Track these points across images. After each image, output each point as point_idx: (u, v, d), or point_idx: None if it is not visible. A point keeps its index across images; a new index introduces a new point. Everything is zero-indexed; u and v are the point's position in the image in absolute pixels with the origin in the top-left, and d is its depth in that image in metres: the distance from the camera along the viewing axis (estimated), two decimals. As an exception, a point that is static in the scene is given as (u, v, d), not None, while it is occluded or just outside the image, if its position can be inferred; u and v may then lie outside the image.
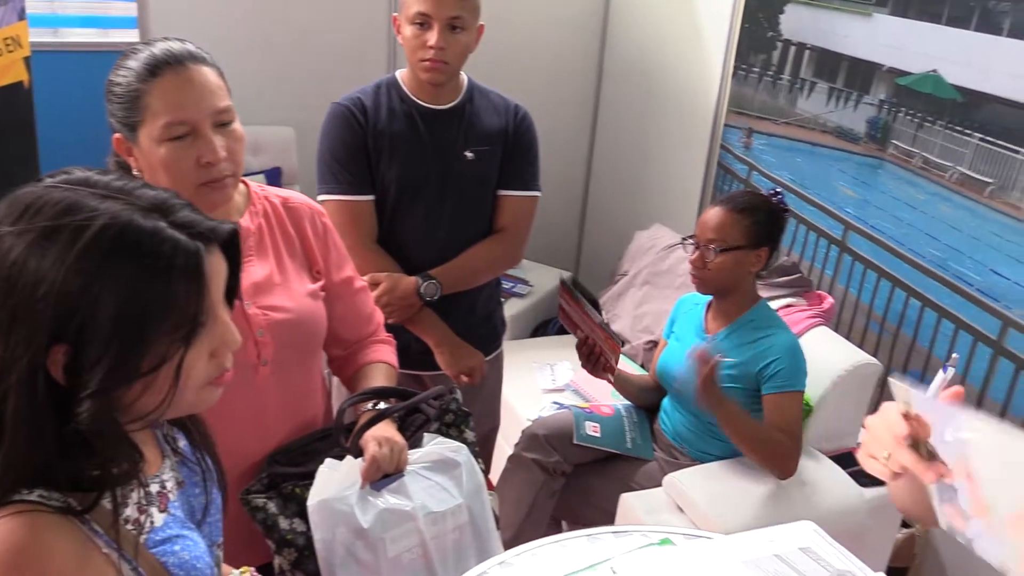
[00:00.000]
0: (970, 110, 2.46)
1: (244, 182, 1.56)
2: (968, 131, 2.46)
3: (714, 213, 2.21)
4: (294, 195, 1.63)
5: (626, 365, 2.82)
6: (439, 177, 2.09)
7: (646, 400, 2.48)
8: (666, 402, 2.45)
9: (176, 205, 0.91)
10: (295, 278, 1.56)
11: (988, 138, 2.41)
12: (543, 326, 3.57)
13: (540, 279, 3.68)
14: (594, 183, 4.28)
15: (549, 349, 3.23)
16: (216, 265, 0.93)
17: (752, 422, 2.17)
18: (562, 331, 3.50)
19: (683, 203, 3.64)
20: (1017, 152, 2.33)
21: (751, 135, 3.30)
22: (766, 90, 3.22)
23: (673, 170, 3.71)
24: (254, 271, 1.51)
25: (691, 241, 2.24)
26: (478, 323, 2.27)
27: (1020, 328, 2.30)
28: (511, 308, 3.44)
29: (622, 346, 3.15)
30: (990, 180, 2.41)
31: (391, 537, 1.50)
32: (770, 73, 3.19)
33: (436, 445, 1.61)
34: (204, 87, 1.35)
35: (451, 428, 1.69)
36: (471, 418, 1.71)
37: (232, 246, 0.97)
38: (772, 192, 2.25)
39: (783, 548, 1.27)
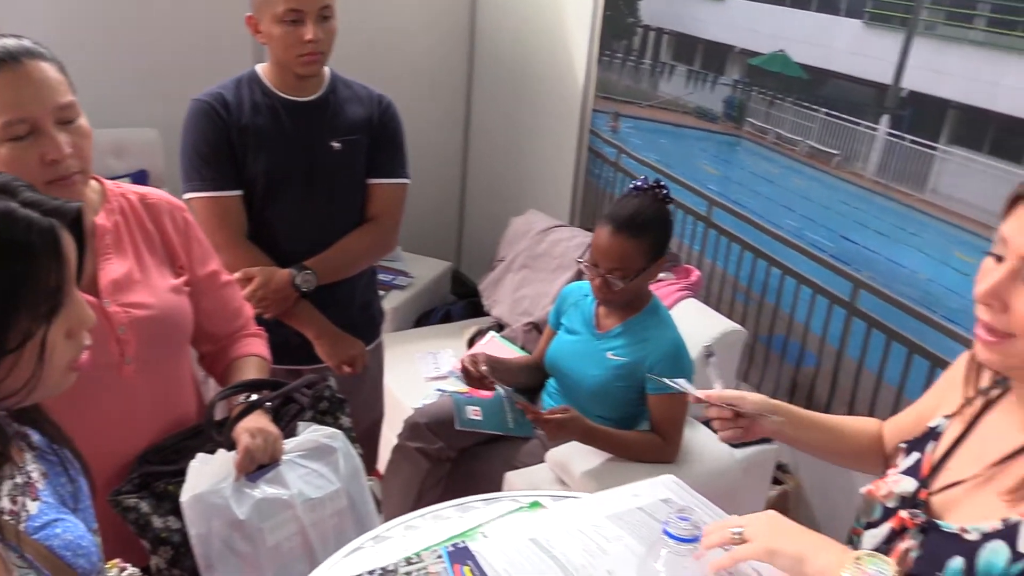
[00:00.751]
0: (815, 87, 2.60)
1: (98, 179, 1.54)
2: (814, 107, 2.61)
3: (612, 242, 2.13)
4: (152, 191, 1.61)
5: (506, 347, 2.87)
6: (307, 169, 2.09)
7: (527, 381, 2.53)
8: (551, 385, 2.49)
9: (19, 187, 0.93)
10: (156, 274, 1.54)
11: (832, 112, 2.56)
12: (425, 316, 3.59)
13: (421, 271, 3.70)
14: (471, 173, 4.32)
15: (432, 338, 3.26)
16: (69, 243, 0.96)
17: (622, 437, 2.21)
18: (446, 319, 3.54)
19: (557, 188, 3.72)
20: (858, 124, 2.48)
21: (618, 119, 3.40)
22: (630, 75, 3.32)
23: (546, 156, 3.78)
24: (113, 268, 1.49)
25: (588, 263, 2.20)
26: (356, 313, 2.28)
27: (870, 289, 2.45)
28: (393, 300, 3.45)
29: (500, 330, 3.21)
30: (836, 152, 2.55)
31: (269, 526, 1.50)
32: (632, 58, 3.30)
33: (311, 433, 1.62)
34: (43, 83, 1.32)
35: (326, 416, 1.70)
36: (346, 404, 1.72)
37: (77, 225, 0.98)
38: (655, 184, 2.22)
39: (645, 501, 1.33)
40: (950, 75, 2.22)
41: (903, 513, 1.17)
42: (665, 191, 2.22)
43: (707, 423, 1.51)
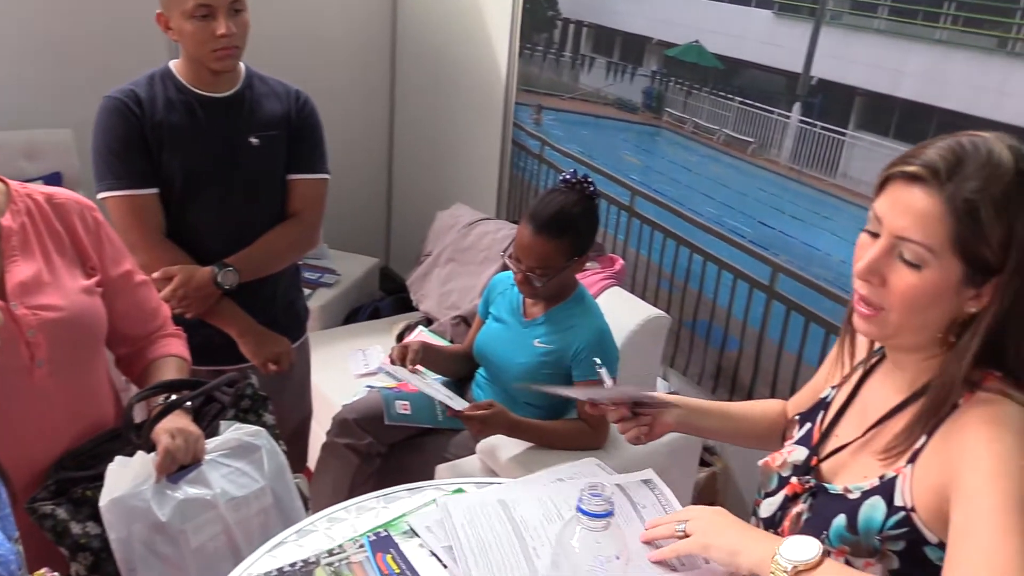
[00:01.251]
0: (730, 76, 2.65)
1: (3, 180, 1.50)
2: (730, 96, 2.66)
3: (534, 242, 2.12)
4: (59, 191, 1.57)
5: (434, 342, 2.86)
6: (225, 165, 2.06)
7: (456, 370, 2.53)
8: (480, 375, 2.50)
9: None
10: (66, 275, 1.51)
11: (747, 101, 2.61)
12: (354, 314, 3.57)
13: (348, 268, 3.67)
14: (397, 168, 4.29)
15: (361, 335, 3.24)
16: None
17: (548, 427, 2.23)
18: (374, 316, 3.52)
19: (482, 181, 3.72)
20: (771, 112, 2.54)
21: (541, 111, 3.42)
22: (551, 68, 3.35)
23: (471, 150, 3.78)
24: (20, 270, 1.45)
25: (511, 258, 2.20)
26: (281, 311, 2.25)
27: (787, 272, 2.51)
28: (320, 298, 3.42)
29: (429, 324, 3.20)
30: (751, 139, 2.61)
31: (192, 527, 1.48)
32: (553, 51, 3.32)
33: (234, 432, 1.60)
34: None
35: (249, 413, 1.68)
36: (269, 402, 1.71)
37: None
38: (582, 179, 2.20)
39: (568, 481, 1.36)
40: (856, 63, 2.29)
41: (794, 480, 1.22)
42: (592, 187, 2.22)
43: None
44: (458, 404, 2.16)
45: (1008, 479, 0.97)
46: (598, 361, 1.33)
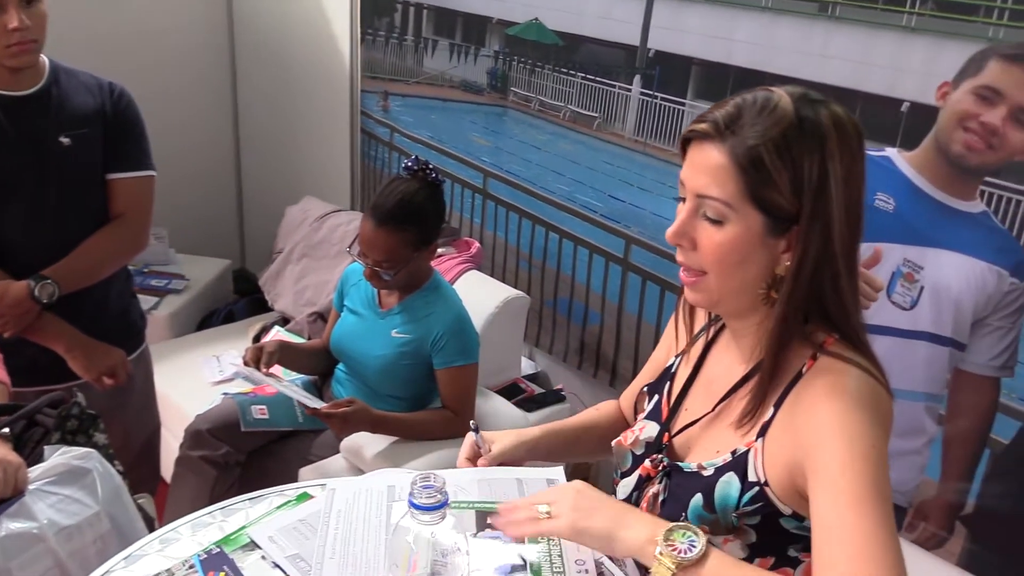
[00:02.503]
0: (571, 52, 2.64)
1: None
2: (572, 72, 2.65)
3: (376, 236, 2.07)
4: None
5: (292, 341, 2.76)
6: (34, 168, 1.90)
7: (316, 367, 2.45)
8: (340, 371, 2.43)
9: None
10: None
11: (589, 76, 2.61)
12: (207, 319, 3.43)
13: (198, 272, 3.52)
14: (245, 166, 4.13)
15: (215, 341, 3.11)
16: None
17: (411, 419, 2.18)
18: (228, 319, 3.38)
19: (334, 173, 3.62)
20: (613, 86, 2.54)
21: (387, 98, 3.34)
22: (394, 52, 3.27)
23: (319, 141, 3.67)
24: None
25: (357, 253, 2.15)
26: (113, 321, 2.11)
27: (640, 244, 2.53)
28: (170, 305, 3.27)
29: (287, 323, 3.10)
30: (596, 115, 2.61)
31: (19, 564, 1.36)
32: (395, 35, 3.24)
33: (61, 456, 1.48)
34: None
35: (77, 435, 1.55)
36: (99, 420, 1.58)
37: None
38: (424, 166, 2.15)
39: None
40: (690, 33, 2.31)
41: (647, 463, 1.21)
42: (434, 173, 2.16)
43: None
44: (317, 403, 2.08)
45: (863, 462, 0.97)
46: (472, 425, 1.30)
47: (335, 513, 1.19)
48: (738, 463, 1.09)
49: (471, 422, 1.31)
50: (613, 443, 1.30)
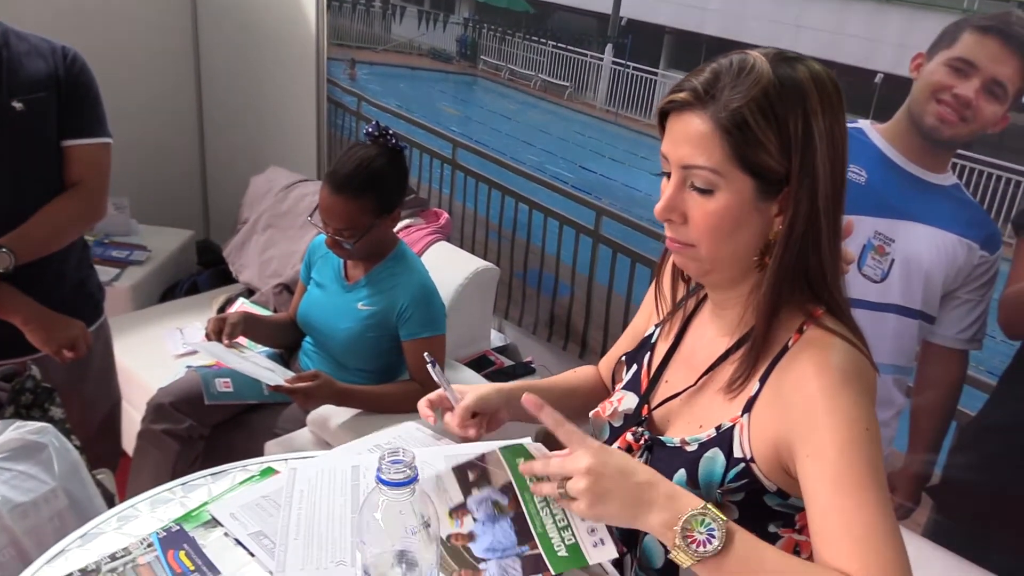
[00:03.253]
0: (542, 20, 2.60)
1: None
2: (543, 40, 2.61)
3: (334, 203, 2.03)
4: None
5: (257, 313, 2.71)
6: (-14, 134, 1.83)
7: (282, 340, 2.40)
8: (307, 344, 2.39)
9: None
10: None
11: (560, 45, 2.57)
12: (170, 291, 3.37)
13: (161, 243, 3.45)
14: (209, 135, 4.05)
15: (178, 313, 3.05)
16: None
17: (377, 391, 2.15)
18: (192, 291, 3.32)
19: (300, 142, 3.56)
20: (585, 55, 2.50)
21: (355, 66, 3.27)
22: (362, 19, 3.20)
23: (285, 110, 3.60)
24: None
25: (319, 223, 2.12)
26: (71, 293, 2.05)
27: (611, 215, 2.50)
28: (131, 277, 3.21)
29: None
30: (567, 84, 2.57)
31: (-29, 543, 1.31)
32: (363, 1, 3.17)
33: (15, 431, 1.43)
34: None
35: (32, 409, 1.51)
36: (55, 394, 1.53)
37: None
38: (384, 132, 2.11)
39: (384, 442, 1.28)
40: (663, 2, 2.28)
41: (628, 436, 1.18)
42: (394, 139, 2.12)
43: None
44: (279, 377, 2.04)
45: (859, 446, 0.96)
46: (428, 358, 1.23)
47: (297, 493, 1.16)
48: (723, 438, 1.08)
49: (425, 354, 1.24)
50: (591, 414, 1.28)
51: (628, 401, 1.24)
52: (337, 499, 1.17)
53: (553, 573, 1.04)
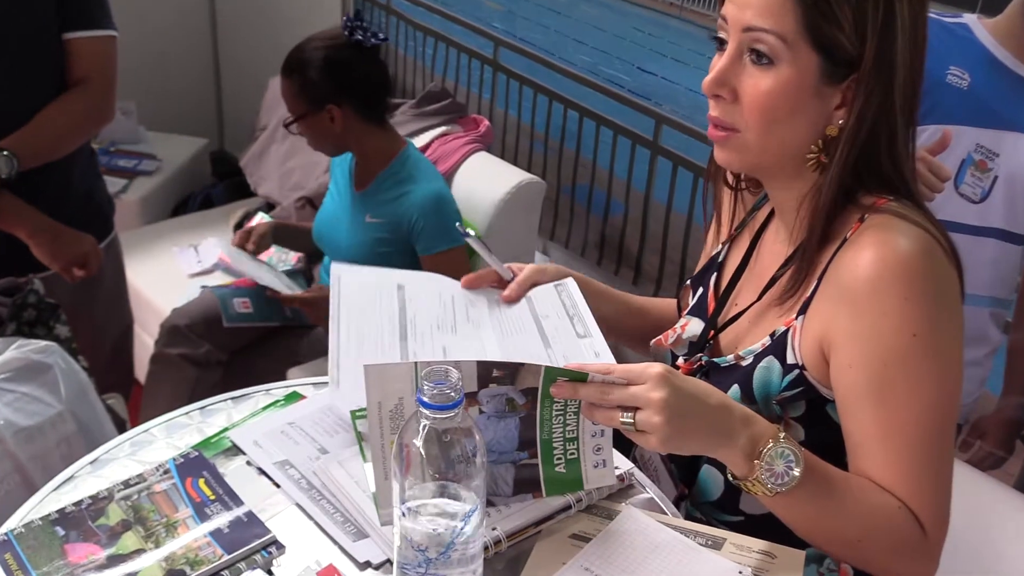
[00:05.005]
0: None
1: None
2: (599, -79, 2.53)
3: (281, 84, 2.20)
4: None
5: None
6: (-22, 26, 1.82)
7: (313, 249, 2.46)
8: (327, 262, 2.40)
9: None
10: None
11: (620, -74, 2.49)
12: (182, 204, 3.41)
13: (172, 152, 3.49)
14: (223, 32, 4.03)
15: (192, 228, 3.09)
16: None
17: None
18: (206, 205, 3.35)
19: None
20: (648, -62, 2.43)
21: (385, -47, 3.21)
22: (393, -102, 3.13)
23: (307, 4, 3.56)
24: None
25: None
26: (78, 204, 2.06)
27: (672, 124, 2.45)
28: (140, 189, 3.25)
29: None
30: (625, -28, 2.51)
31: (-27, 468, 1.35)
32: None
33: (17, 350, 1.46)
34: None
35: (36, 326, 1.53)
36: (60, 310, 1.55)
37: None
38: (355, 24, 2.18)
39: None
40: None
41: (681, 360, 1.19)
42: (360, 36, 2.16)
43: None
44: (285, 289, 2.12)
45: (897, 361, 0.98)
46: (470, 232, 1.22)
47: (345, 308, 1.18)
48: (777, 345, 1.08)
49: (458, 225, 1.26)
50: (652, 342, 1.27)
51: (693, 327, 1.24)
52: (384, 318, 1.18)
53: (544, 495, 1.06)
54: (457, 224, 1.26)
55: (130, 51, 2.01)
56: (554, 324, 1.18)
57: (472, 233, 1.24)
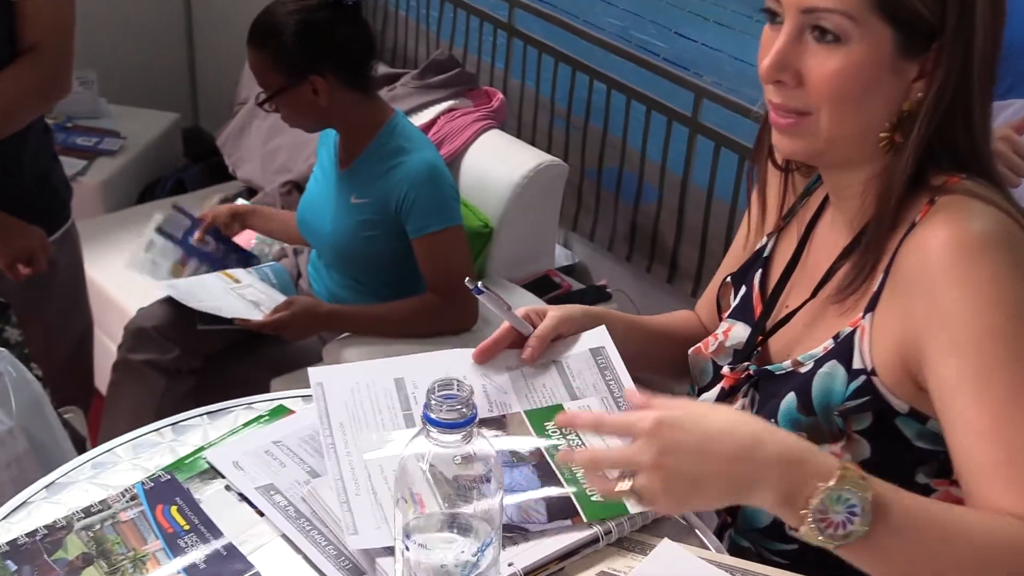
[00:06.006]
0: None
1: None
2: None
3: (249, 56, 2.20)
4: None
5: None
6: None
7: (295, 236, 2.48)
8: (314, 255, 2.44)
9: None
10: None
11: None
12: (151, 189, 3.43)
13: (137, 129, 3.50)
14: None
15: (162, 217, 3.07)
16: None
17: (382, 310, 2.24)
18: (178, 190, 3.37)
19: None
20: None
21: (383, -100, 3.23)
22: None
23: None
24: None
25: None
26: (29, 189, 2.08)
27: (714, 98, 2.45)
28: (101, 171, 3.27)
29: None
30: (661, -78, 2.51)
31: (-88, 491, 1.36)
32: None
33: (-39, 356, 1.46)
34: None
35: (-18, 329, 1.53)
36: (10, 311, 1.56)
37: None
38: None
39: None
40: None
41: (726, 370, 1.19)
42: None
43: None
44: (258, 311, 2.18)
45: (1003, 337, 0.96)
46: (469, 284, 1.22)
47: (337, 426, 1.16)
48: (842, 348, 1.08)
49: (467, 281, 1.24)
50: (690, 351, 1.28)
51: (737, 332, 1.24)
52: (388, 424, 1.17)
53: (585, 520, 1.07)
54: (467, 280, 1.24)
55: (90, 14, 2.01)
56: (597, 407, 1.20)
57: (477, 285, 1.22)
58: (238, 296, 2.24)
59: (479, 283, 1.23)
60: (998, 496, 0.93)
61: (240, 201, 2.98)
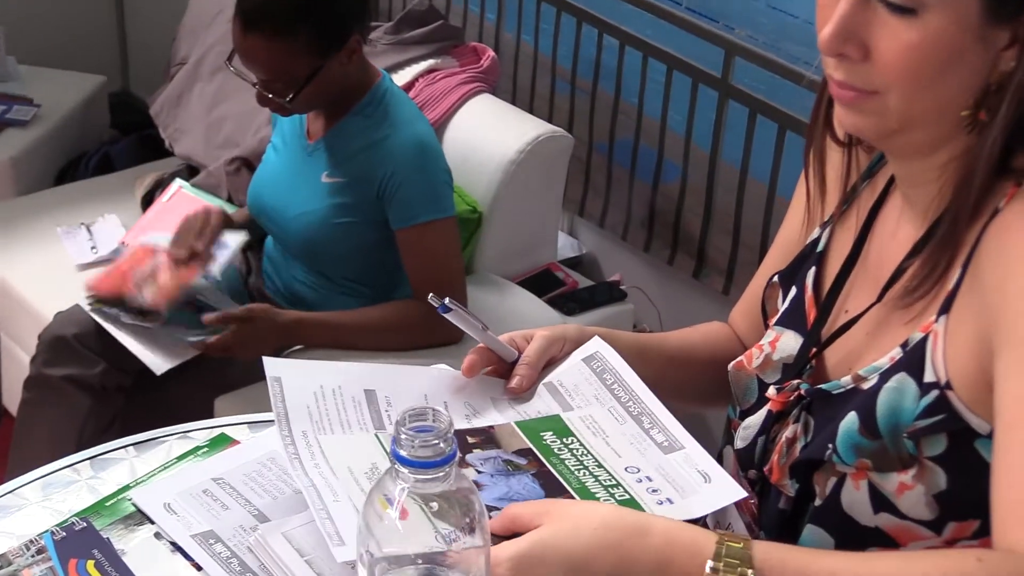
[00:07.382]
0: None
1: None
2: None
3: (248, 46, 2.14)
4: None
5: (202, 203, 2.74)
6: None
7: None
8: (270, 245, 2.46)
9: None
10: None
11: None
12: (71, 167, 3.44)
13: (56, 94, 3.52)
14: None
15: (84, 201, 3.12)
16: None
17: (349, 320, 2.25)
18: (104, 168, 3.39)
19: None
20: None
21: None
22: None
23: None
24: None
25: (242, 71, 2.23)
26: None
27: (748, 55, 2.46)
28: (11, 145, 3.29)
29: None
30: None
31: None
32: None
33: None
34: None
35: None
36: None
37: None
38: None
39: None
40: None
41: (771, 392, 1.20)
42: None
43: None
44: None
45: None
46: (434, 300, 1.22)
47: (300, 435, 1.16)
48: (912, 358, 1.09)
49: (431, 297, 1.24)
50: (731, 367, 1.28)
51: (787, 342, 1.25)
52: (357, 431, 1.19)
53: None
54: (430, 297, 1.24)
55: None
56: (601, 417, 1.21)
57: (445, 303, 1.23)
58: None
59: (446, 299, 1.23)
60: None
61: (178, 183, 2.95)
